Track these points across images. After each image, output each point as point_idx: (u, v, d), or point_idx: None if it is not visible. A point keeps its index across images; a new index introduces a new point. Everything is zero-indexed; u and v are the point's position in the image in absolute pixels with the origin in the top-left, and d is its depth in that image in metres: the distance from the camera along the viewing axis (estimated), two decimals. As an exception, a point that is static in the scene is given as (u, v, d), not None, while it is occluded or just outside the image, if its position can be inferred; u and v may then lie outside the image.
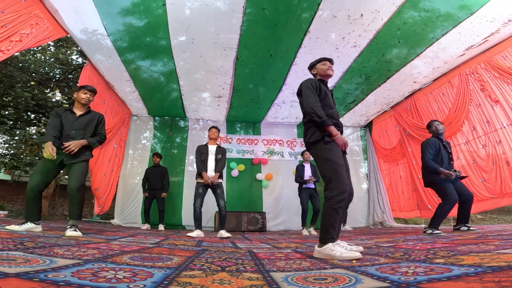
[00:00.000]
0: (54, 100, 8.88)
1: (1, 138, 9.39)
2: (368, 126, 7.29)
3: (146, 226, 5.45)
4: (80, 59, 8.90)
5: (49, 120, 2.93)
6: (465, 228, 3.48)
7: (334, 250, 1.69)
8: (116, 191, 6.08)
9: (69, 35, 4.00)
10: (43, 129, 8.66)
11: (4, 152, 9.42)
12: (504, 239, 2.24)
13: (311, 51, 4.34)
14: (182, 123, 7.04)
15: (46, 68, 8.40)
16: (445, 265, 1.28)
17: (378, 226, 6.46)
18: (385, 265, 1.39)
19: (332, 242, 1.75)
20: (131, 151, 6.68)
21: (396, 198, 6.28)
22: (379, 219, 6.51)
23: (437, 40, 4.09)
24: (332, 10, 3.60)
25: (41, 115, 8.77)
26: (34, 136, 8.54)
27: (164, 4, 3.50)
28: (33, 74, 8.13)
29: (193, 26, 3.88)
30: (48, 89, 8.86)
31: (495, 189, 4.16)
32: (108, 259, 1.46)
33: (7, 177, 11.68)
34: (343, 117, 6.67)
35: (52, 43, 8.44)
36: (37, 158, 8.39)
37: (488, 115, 4.31)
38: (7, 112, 8.80)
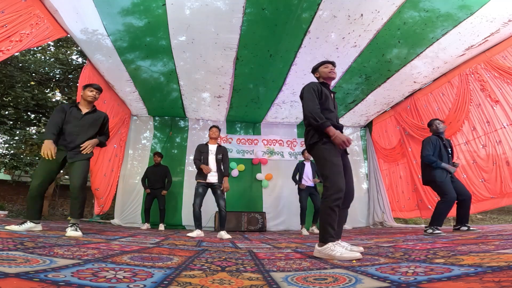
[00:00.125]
0: (54, 100, 8.89)
1: (1, 138, 9.39)
2: (368, 126, 7.28)
3: (146, 226, 5.41)
4: (80, 59, 8.91)
5: (52, 115, 2.92)
6: (465, 228, 3.48)
7: (334, 250, 1.69)
8: (116, 191, 6.08)
9: (69, 35, 3.99)
10: (43, 129, 8.66)
11: (4, 152, 9.42)
12: (504, 239, 2.24)
13: (311, 51, 4.34)
14: (182, 123, 7.04)
15: (46, 68, 8.41)
16: (445, 265, 1.28)
17: (378, 226, 6.45)
18: (385, 265, 1.39)
19: (332, 242, 1.75)
20: (131, 151, 6.68)
21: (396, 198, 6.27)
22: (379, 219, 6.50)
23: (437, 40, 4.09)
24: (332, 10, 3.60)
25: (41, 115, 8.78)
26: (34, 136, 8.53)
27: (164, 4, 3.50)
28: (33, 74, 8.14)
29: (193, 26, 3.87)
30: (48, 89, 8.87)
31: (495, 189, 4.16)
32: (108, 259, 1.46)
33: (7, 177, 11.67)
34: (343, 117, 6.67)
35: (52, 43, 8.45)
36: (37, 158, 8.39)
37: (488, 115, 4.31)
38: (7, 112, 8.81)
